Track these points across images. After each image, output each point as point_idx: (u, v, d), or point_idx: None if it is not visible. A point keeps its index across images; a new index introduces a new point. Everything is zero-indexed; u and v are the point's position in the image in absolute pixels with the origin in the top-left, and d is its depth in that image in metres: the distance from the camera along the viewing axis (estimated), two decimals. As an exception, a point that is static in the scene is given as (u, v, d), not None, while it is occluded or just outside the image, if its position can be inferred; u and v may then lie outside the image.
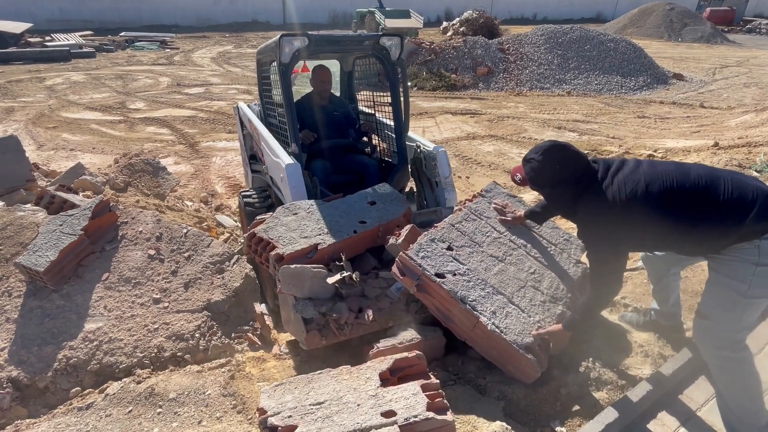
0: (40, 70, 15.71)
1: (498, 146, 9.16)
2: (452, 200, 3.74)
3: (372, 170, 4.13)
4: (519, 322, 2.46)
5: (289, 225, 2.97)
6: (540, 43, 15.63)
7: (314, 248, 2.80)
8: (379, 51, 3.86)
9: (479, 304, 2.46)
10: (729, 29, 31.58)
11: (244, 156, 5.33)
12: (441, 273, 2.54)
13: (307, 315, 2.60)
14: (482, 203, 3.17)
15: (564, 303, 2.69)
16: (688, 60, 19.66)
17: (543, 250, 2.96)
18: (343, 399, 1.97)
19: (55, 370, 2.74)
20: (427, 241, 2.70)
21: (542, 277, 2.78)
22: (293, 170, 3.41)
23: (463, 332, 2.53)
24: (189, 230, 3.60)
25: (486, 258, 2.74)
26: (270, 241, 2.84)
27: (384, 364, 2.15)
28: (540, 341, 2.43)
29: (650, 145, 8.63)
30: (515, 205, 3.27)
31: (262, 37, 25.94)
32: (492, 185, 3.41)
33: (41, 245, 3.16)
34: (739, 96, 13.38)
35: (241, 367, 2.71)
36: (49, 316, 2.99)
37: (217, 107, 11.85)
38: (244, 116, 4.98)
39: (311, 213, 3.09)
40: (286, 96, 3.61)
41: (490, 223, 3.01)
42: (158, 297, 3.15)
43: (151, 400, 2.40)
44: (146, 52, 20.68)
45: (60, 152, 8.17)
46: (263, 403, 1.94)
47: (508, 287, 2.62)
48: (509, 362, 2.42)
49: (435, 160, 3.73)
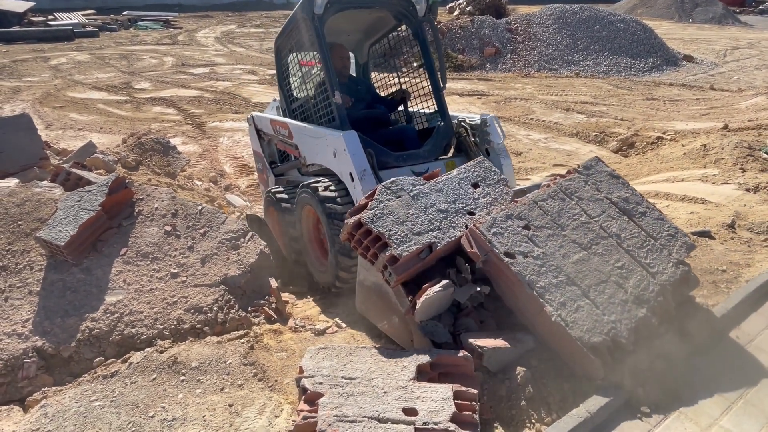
0: (44, 50, 15.63)
1: (506, 128, 9.10)
2: (508, 165, 3.66)
3: (412, 135, 4.03)
4: (590, 319, 2.22)
5: (396, 214, 2.58)
6: (549, 23, 15.39)
7: (428, 248, 2.50)
8: (405, 8, 3.80)
9: (548, 293, 2.25)
10: (741, 10, 30.92)
11: (264, 165, 5.08)
12: (511, 253, 2.34)
13: (438, 339, 2.35)
14: (577, 181, 2.83)
15: (650, 307, 2.37)
16: (699, 41, 19.33)
17: (640, 243, 2.61)
18: (373, 381, 1.94)
19: (78, 340, 2.83)
20: (503, 217, 2.49)
21: (631, 273, 2.47)
22: (350, 137, 3.30)
23: (525, 317, 2.37)
24: (204, 207, 3.65)
25: (567, 243, 2.49)
26: (381, 237, 2.47)
27: (426, 357, 2.06)
28: (610, 342, 2.16)
29: (659, 127, 8.57)
30: (622, 188, 2.84)
31: (266, 16, 25.63)
32: (594, 161, 3.01)
33: (60, 220, 3.22)
34: (749, 78, 13.20)
35: (259, 338, 2.79)
36: (71, 289, 3.06)
37: (223, 87, 11.81)
38: (263, 121, 4.78)
39: (416, 198, 2.70)
40: (321, 50, 3.51)
41: (581, 205, 2.69)
42: (176, 271, 3.22)
43: (174, 368, 2.48)
44: (149, 32, 20.50)
45: (68, 132, 8.20)
46: (304, 363, 2.00)
47: (586, 279, 2.38)
48: (572, 358, 2.24)
49: (487, 125, 3.69)
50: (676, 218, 4.34)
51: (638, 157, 7.41)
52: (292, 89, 4.40)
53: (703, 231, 3.88)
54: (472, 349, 2.27)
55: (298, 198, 3.76)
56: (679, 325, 2.54)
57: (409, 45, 4.33)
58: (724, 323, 2.73)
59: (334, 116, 3.61)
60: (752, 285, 3.05)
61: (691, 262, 3.42)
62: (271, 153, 4.95)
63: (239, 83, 12.35)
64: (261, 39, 19.50)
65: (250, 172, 7.02)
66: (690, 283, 2.65)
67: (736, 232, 3.95)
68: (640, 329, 2.32)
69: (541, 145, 8.23)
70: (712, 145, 6.13)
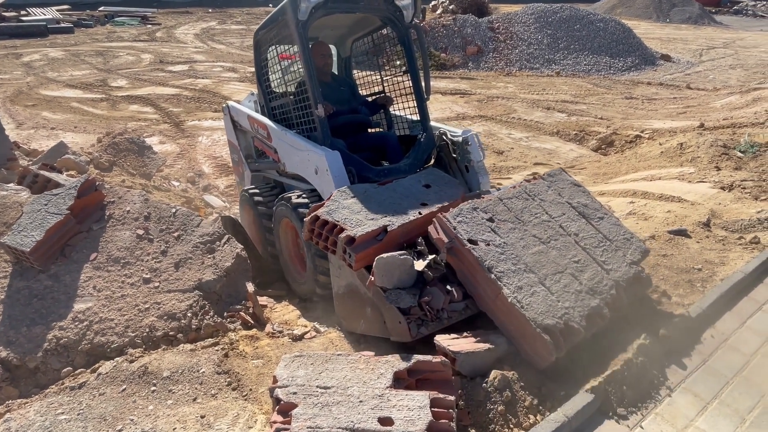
0: (16, 46, 15.15)
1: (488, 127, 9.14)
2: (486, 184, 3.66)
3: (393, 143, 3.97)
4: (544, 303, 2.35)
5: (352, 207, 2.82)
6: (530, 23, 15.50)
7: (383, 230, 2.66)
8: (392, 13, 3.73)
9: (506, 277, 2.39)
10: (716, 10, 31.64)
11: (239, 157, 4.98)
12: (474, 240, 2.51)
13: (404, 304, 2.42)
14: (541, 185, 3.05)
15: (603, 299, 2.50)
16: (676, 41, 19.71)
17: (597, 243, 2.78)
18: (349, 390, 1.91)
19: (45, 350, 2.72)
20: (469, 209, 2.67)
21: (586, 267, 2.62)
22: (333, 158, 3.27)
23: (484, 303, 2.48)
24: (178, 210, 3.55)
25: (527, 237, 2.65)
26: (337, 224, 2.65)
27: (402, 363, 2.04)
28: (563, 326, 2.29)
29: (637, 126, 8.70)
30: (582, 195, 3.05)
31: (247, 13, 25.29)
32: (558, 171, 3.24)
33: (26, 225, 3.10)
34: (725, 77, 13.50)
35: (234, 345, 2.72)
36: (37, 296, 2.95)
37: (202, 85, 11.59)
38: (240, 114, 4.63)
39: (370, 196, 2.95)
40: (305, 57, 3.42)
41: (543, 206, 2.89)
42: (148, 277, 3.12)
43: (144, 378, 2.40)
44: (127, 28, 20.03)
45: (40, 131, 7.95)
46: (278, 372, 1.95)
47: (543, 269, 2.52)
48: (525, 341, 2.32)
49: (468, 144, 3.67)
50: (654, 217, 4.40)
51: (617, 155, 7.50)
52: (271, 86, 4.29)
53: (679, 230, 3.93)
54: (446, 353, 2.26)
55: (276, 212, 3.72)
56: (647, 324, 2.58)
57: (393, 43, 4.27)
58: (698, 323, 2.76)
59: (316, 126, 3.55)
60: (726, 284, 3.09)
61: (667, 261, 3.47)
62: (247, 147, 4.81)
63: (219, 81, 12.14)
64: (242, 36, 19.22)
65: (229, 172, 6.89)
66: (643, 283, 2.80)
67: (711, 230, 4.01)
68: (593, 317, 2.44)
69: (522, 144, 8.27)
70: (688, 144, 6.23)
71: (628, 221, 4.33)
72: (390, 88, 4.34)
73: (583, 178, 6.51)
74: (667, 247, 3.66)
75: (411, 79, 3.92)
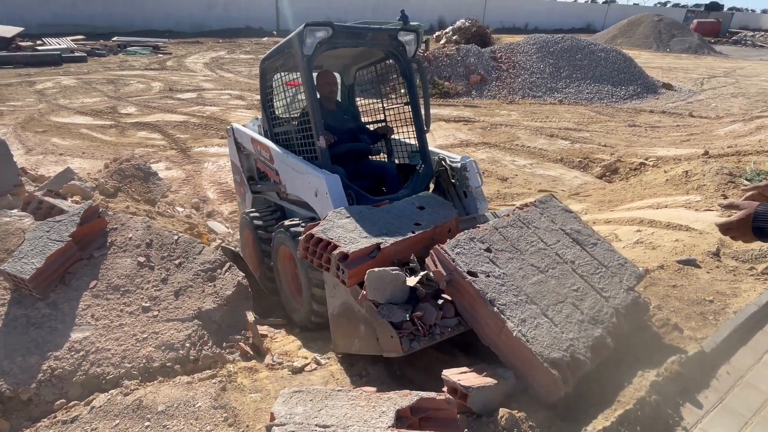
0: (30, 74, 15.54)
1: (491, 154, 9.18)
2: (484, 209, 3.69)
3: (392, 174, 4.05)
4: (549, 336, 2.31)
5: (346, 227, 2.88)
6: (532, 52, 15.78)
7: (377, 247, 2.70)
8: (395, 48, 3.84)
9: (509, 309, 2.35)
10: (716, 40, 32.19)
11: (242, 179, 5.06)
12: (474, 271, 2.46)
13: (396, 318, 2.41)
14: (534, 213, 3.05)
15: (605, 327, 2.48)
16: (677, 70, 19.96)
17: (593, 270, 2.78)
18: (349, 429, 1.82)
19: (39, 381, 2.65)
20: (466, 239, 2.64)
21: (585, 296, 2.60)
22: (333, 182, 3.34)
23: (487, 336, 2.42)
24: (180, 237, 3.53)
25: (526, 266, 2.63)
26: (331, 241, 2.72)
27: (406, 400, 1.93)
28: (569, 358, 2.22)
29: (641, 153, 8.70)
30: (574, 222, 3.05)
31: (256, 43, 25.95)
32: (548, 197, 3.26)
33: (27, 252, 3.08)
34: (726, 105, 13.58)
35: (232, 377, 2.64)
36: (34, 325, 2.90)
37: (210, 112, 11.78)
38: (243, 137, 4.74)
39: (364, 217, 3.02)
40: (308, 89, 3.52)
41: (537, 234, 2.89)
42: (147, 305, 3.07)
43: (138, 412, 2.32)
44: (138, 57, 20.56)
45: (49, 157, 8.05)
46: (276, 409, 1.87)
47: (545, 299, 2.49)
48: (532, 375, 2.26)
49: (466, 170, 3.73)
50: (662, 246, 4.32)
51: (622, 182, 7.47)
52: (276, 112, 4.38)
53: (688, 259, 3.85)
54: (455, 388, 2.17)
55: (275, 239, 3.76)
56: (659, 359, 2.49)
57: (396, 73, 4.35)
58: (713, 358, 2.66)
59: (317, 155, 3.63)
60: (740, 317, 2.99)
61: (677, 292, 3.38)
62: (249, 168, 4.91)
63: (227, 108, 12.35)
64: (250, 65, 19.66)
65: (233, 198, 6.91)
66: (641, 308, 2.75)
67: (722, 260, 3.93)
68: (597, 348, 2.38)
69: (526, 171, 8.27)
70: (693, 172, 6.20)
71: (635, 250, 4.26)
72: (392, 118, 4.41)
73: (588, 206, 6.47)
74: (676, 278, 3.58)
75: (411, 111, 3.99)
